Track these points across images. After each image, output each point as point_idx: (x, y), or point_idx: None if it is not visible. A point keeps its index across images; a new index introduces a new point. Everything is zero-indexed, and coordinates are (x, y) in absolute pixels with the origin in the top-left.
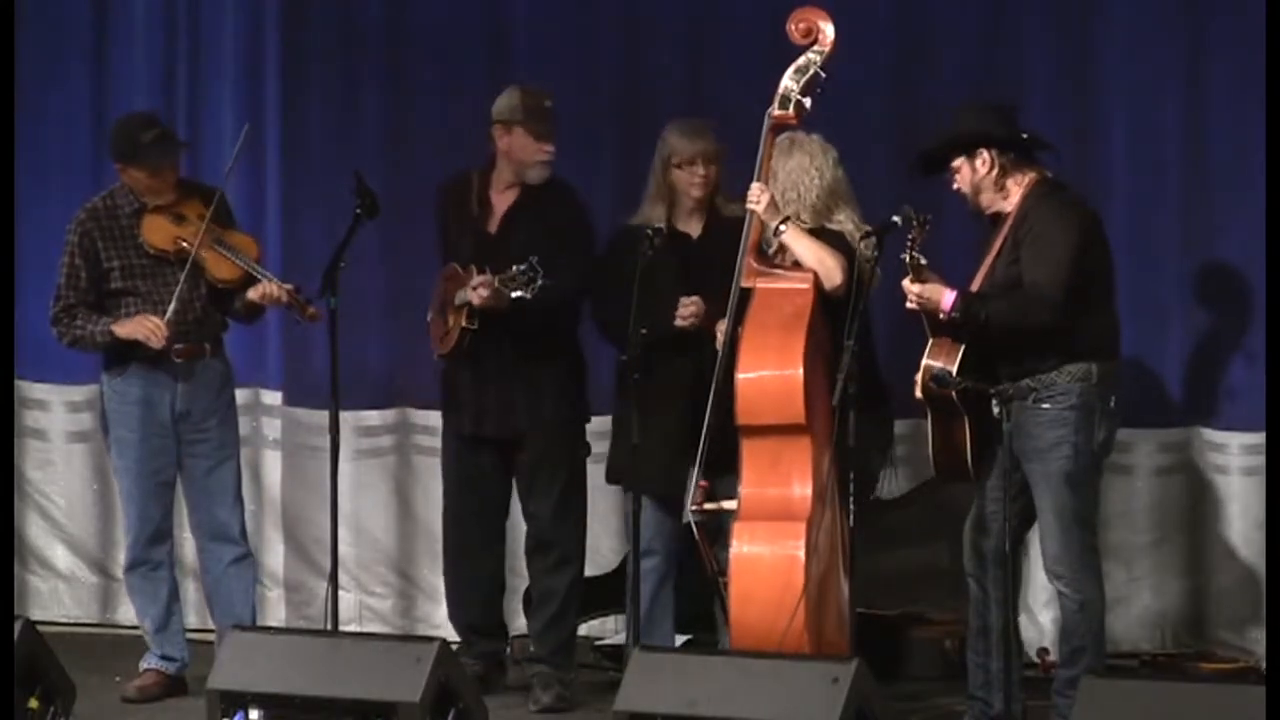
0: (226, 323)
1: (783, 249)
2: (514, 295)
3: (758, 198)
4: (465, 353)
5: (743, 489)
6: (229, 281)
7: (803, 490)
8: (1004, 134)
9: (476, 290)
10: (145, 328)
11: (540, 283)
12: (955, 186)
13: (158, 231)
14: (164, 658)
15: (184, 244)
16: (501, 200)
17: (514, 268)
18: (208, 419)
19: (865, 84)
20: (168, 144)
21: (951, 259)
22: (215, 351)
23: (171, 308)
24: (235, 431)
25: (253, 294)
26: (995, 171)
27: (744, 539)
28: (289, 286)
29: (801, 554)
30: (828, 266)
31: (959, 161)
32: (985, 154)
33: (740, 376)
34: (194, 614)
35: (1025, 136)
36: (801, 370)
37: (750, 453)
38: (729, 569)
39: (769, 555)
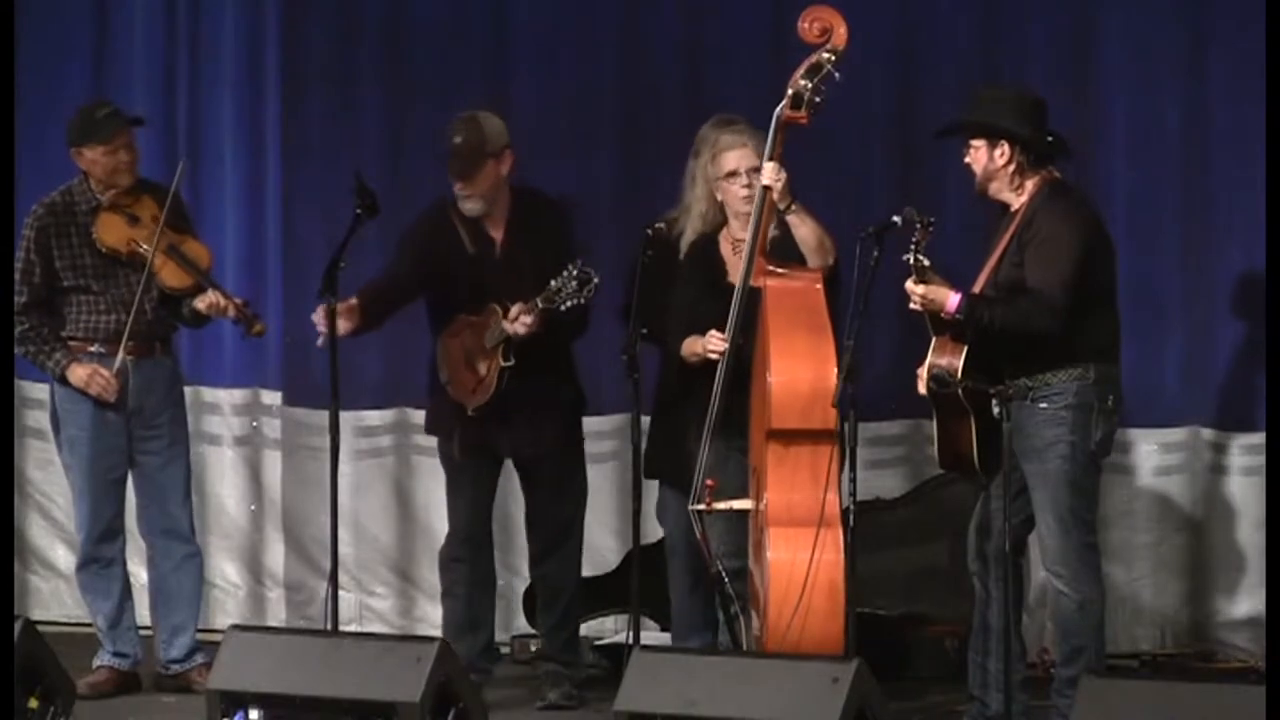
0: (176, 324)
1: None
2: (567, 306)
3: (775, 174)
4: (501, 393)
5: (770, 492)
6: (178, 289)
7: (832, 493)
8: (1029, 135)
9: (518, 321)
10: (97, 384)
11: (594, 281)
12: (967, 160)
13: (112, 231)
14: (117, 654)
15: (137, 247)
16: (494, 228)
17: (553, 282)
18: (159, 416)
19: (865, 83)
20: (120, 118)
21: (950, 260)
22: (165, 350)
23: (122, 353)
24: (185, 429)
25: (200, 304)
26: (1011, 167)
27: (780, 545)
28: (238, 300)
29: (841, 559)
30: (827, 246)
31: (979, 143)
32: (1006, 147)
33: (774, 381)
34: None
35: (1050, 140)
36: (834, 376)
37: (777, 456)
38: (767, 574)
39: (808, 561)
